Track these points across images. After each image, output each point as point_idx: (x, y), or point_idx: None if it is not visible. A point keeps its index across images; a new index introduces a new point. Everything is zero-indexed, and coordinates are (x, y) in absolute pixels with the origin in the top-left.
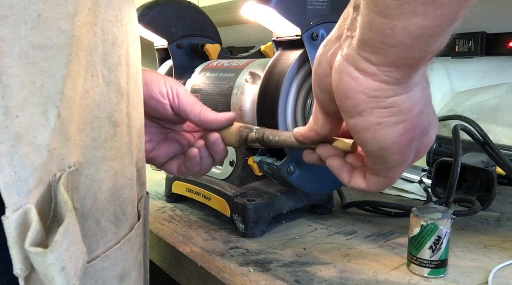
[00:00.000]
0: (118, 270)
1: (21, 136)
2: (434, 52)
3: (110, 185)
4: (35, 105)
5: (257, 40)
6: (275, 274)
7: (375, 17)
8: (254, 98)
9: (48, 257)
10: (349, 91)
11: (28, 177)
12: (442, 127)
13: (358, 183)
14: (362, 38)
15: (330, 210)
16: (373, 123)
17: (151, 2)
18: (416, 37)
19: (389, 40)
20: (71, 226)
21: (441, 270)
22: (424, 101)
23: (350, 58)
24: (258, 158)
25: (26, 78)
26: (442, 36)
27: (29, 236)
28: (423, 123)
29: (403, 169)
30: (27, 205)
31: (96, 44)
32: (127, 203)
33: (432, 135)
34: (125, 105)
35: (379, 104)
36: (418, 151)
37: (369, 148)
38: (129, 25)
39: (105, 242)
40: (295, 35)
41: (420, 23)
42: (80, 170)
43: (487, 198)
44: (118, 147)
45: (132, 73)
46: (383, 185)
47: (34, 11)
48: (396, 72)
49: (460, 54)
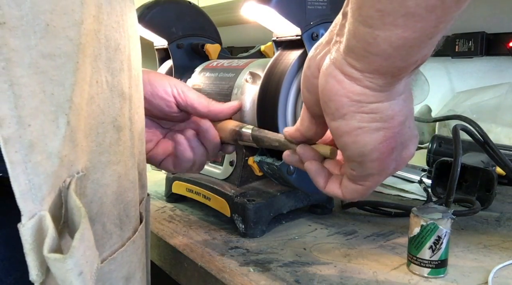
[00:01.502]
0: (124, 272)
1: (34, 145)
2: (417, 63)
3: (115, 188)
4: (46, 114)
5: (257, 40)
6: (275, 274)
7: (359, 26)
8: (254, 98)
9: (67, 263)
10: (333, 93)
11: (41, 184)
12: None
13: (333, 189)
14: (347, 45)
15: (330, 210)
16: (355, 127)
17: (151, 2)
18: (397, 47)
19: (372, 49)
20: (86, 231)
21: (441, 270)
22: (406, 112)
23: (337, 62)
24: (258, 158)
25: (36, 87)
26: (424, 48)
27: (47, 242)
28: (404, 135)
29: (381, 179)
30: (42, 212)
31: (100, 50)
32: (131, 206)
33: (411, 149)
34: (127, 109)
35: (361, 108)
36: (397, 163)
37: (349, 152)
38: (131, 30)
39: (110, 245)
40: (295, 35)
41: (401, 35)
42: (87, 175)
43: (487, 198)
44: (121, 151)
45: (134, 77)
46: (359, 194)
47: (43, 21)
48: (379, 79)
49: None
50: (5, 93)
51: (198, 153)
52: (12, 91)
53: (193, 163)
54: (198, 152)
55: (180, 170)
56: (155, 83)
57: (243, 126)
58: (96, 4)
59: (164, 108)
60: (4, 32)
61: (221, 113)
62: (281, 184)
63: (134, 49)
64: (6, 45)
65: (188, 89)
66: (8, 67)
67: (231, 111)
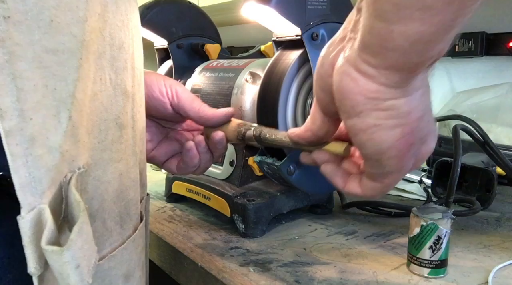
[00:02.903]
0: (123, 270)
1: (35, 138)
2: (434, 58)
3: (116, 186)
4: (48, 108)
5: (257, 40)
6: (275, 274)
7: (374, 21)
8: (254, 98)
9: (65, 255)
10: (348, 91)
11: (42, 178)
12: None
13: (352, 188)
14: (362, 41)
15: (330, 210)
16: (371, 125)
17: (151, 2)
18: (413, 42)
19: (388, 44)
20: (84, 225)
21: (441, 270)
22: (424, 107)
23: (351, 60)
24: (258, 158)
25: (39, 81)
26: (440, 42)
27: (45, 235)
28: (422, 130)
29: (400, 176)
30: (41, 205)
31: (105, 48)
32: (132, 204)
33: (430, 145)
34: (130, 107)
35: (377, 106)
36: (416, 159)
37: (366, 150)
38: (134, 29)
39: (111, 242)
40: (295, 35)
41: (417, 29)
42: (88, 171)
43: (487, 198)
44: (123, 149)
45: (137, 76)
46: (379, 191)
47: (47, 16)
48: (395, 76)
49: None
50: (7, 86)
51: (205, 158)
52: (14, 84)
53: (198, 167)
54: (205, 157)
55: (182, 173)
56: (152, 84)
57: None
58: (101, 3)
59: (161, 109)
60: (8, 26)
61: (212, 120)
62: (281, 184)
63: (137, 48)
64: (10, 39)
65: (183, 91)
66: (11, 60)
67: (222, 118)
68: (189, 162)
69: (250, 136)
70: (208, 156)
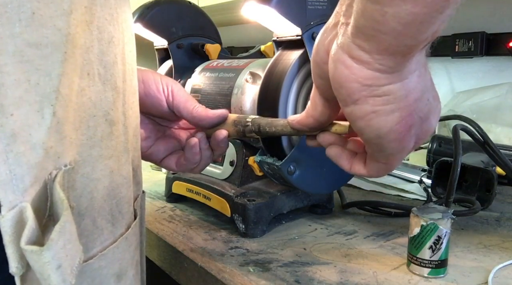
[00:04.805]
0: (115, 269)
1: (16, 134)
2: (428, 40)
3: (106, 183)
4: (31, 103)
5: (257, 40)
6: (275, 274)
7: (367, 3)
8: (255, 98)
9: (44, 255)
10: (343, 80)
11: (23, 175)
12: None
13: (358, 169)
14: (355, 25)
15: (330, 210)
16: (368, 112)
17: (151, 2)
18: (406, 24)
19: (381, 27)
20: (67, 224)
21: (441, 270)
22: (422, 87)
23: (344, 46)
24: (259, 158)
25: (21, 76)
26: (434, 23)
27: (25, 234)
28: (422, 110)
29: (403, 156)
30: (23, 203)
31: (92, 42)
32: (124, 202)
33: (433, 121)
34: (121, 103)
35: (373, 92)
36: (418, 137)
37: (366, 136)
38: (125, 23)
39: (101, 241)
40: (295, 35)
41: (410, 10)
42: (76, 168)
43: (487, 198)
44: (114, 145)
45: (128, 72)
46: (383, 171)
47: (28, 8)
48: (389, 60)
49: (460, 54)
50: None
51: (205, 156)
52: None
53: (198, 165)
54: (206, 155)
55: (182, 170)
56: (148, 82)
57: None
58: None
59: (157, 106)
60: None
61: (204, 121)
62: (281, 184)
63: (128, 43)
64: None
65: (178, 90)
66: None
67: (215, 120)
68: (191, 159)
69: (249, 130)
70: (208, 154)
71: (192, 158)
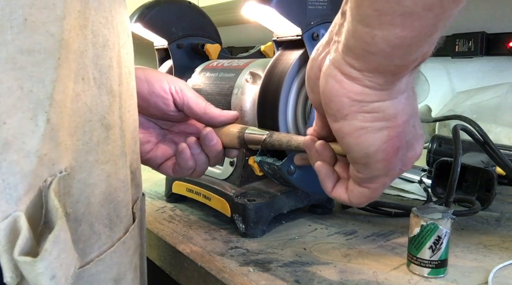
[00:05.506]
0: (113, 274)
1: (10, 143)
2: (417, 61)
3: (103, 188)
4: (24, 111)
5: (257, 40)
6: (275, 274)
7: (357, 25)
8: (255, 98)
9: (38, 266)
10: (333, 94)
11: (17, 184)
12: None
13: (339, 194)
14: (346, 44)
15: (330, 210)
16: (357, 128)
17: (151, 2)
18: (395, 46)
19: (370, 48)
20: (62, 233)
21: (441, 270)
22: (410, 111)
23: (336, 62)
24: (259, 158)
25: (14, 83)
26: (422, 46)
27: (18, 244)
28: (409, 135)
29: (387, 181)
30: (17, 212)
31: (87, 46)
32: (121, 206)
33: (417, 149)
34: (117, 107)
35: (362, 108)
36: (403, 164)
37: (354, 154)
38: (120, 26)
39: (99, 245)
40: (295, 35)
41: (399, 34)
42: (72, 174)
43: (487, 198)
44: (111, 150)
45: (125, 75)
46: (365, 198)
47: (20, 15)
48: (379, 78)
49: (460, 54)
50: None
51: (200, 161)
52: None
53: (194, 171)
54: (200, 160)
55: (178, 176)
56: (152, 81)
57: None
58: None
59: (162, 106)
60: None
61: (217, 119)
62: (281, 184)
63: (124, 45)
64: None
65: (186, 88)
66: None
67: (227, 120)
68: (183, 165)
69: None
70: (202, 158)
71: (184, 164)
